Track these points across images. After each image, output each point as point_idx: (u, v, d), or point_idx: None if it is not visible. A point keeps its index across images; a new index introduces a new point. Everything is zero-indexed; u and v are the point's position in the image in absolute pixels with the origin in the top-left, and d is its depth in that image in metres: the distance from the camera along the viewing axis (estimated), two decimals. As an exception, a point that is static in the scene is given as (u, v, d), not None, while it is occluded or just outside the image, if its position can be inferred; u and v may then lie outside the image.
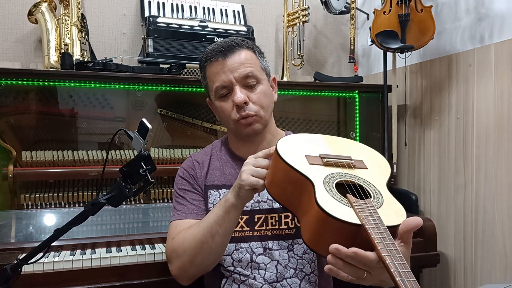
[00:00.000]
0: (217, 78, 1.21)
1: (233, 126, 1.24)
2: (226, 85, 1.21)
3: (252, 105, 1.20)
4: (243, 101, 1.18)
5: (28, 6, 1.90)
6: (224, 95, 1.22)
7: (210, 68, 1.24)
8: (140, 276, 1.44)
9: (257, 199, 1.25)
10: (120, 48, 2.16)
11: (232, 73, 1.20)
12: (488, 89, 1.77)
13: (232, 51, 1.21)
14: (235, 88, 1.20)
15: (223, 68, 1.20)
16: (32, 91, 1.73)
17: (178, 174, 1.34)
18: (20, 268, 0.99)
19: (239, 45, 1.23)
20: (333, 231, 0.83)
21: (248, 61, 1.22)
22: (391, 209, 0.91)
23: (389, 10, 1.97)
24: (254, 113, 1.20)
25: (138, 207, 1.74)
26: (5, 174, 1.62)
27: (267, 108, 1.24)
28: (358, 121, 2.13)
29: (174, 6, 2.11)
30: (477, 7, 1.83)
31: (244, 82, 1.20)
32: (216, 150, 1.35)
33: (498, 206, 1.72)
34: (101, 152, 1.76)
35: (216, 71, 1.22)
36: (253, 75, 1.21)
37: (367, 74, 2.53)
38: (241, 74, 1.19)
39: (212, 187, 1.28)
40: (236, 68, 1.20)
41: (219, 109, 1.25)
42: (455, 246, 1.93)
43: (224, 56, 1.21)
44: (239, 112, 1.20)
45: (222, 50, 1.22)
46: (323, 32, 2.56)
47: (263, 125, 1.24)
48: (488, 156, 1.77)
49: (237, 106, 1.19)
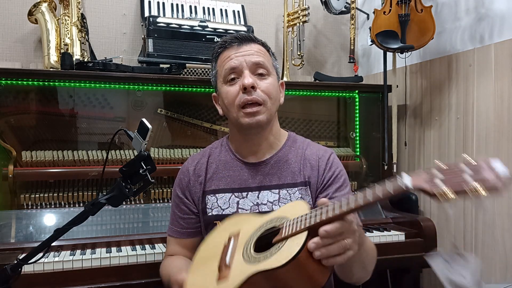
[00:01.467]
0: (227, 62, 1.20)
1: (236, 115, 1.18)
2: (236, 67, 1.18)
3: (261, 92, 1.17)
4: (251, 84, 1.15)
5: (28, 6, 1.90)
6: (232, 79, 1.19)
7: (223, 54, 1.22)
8: (140, 276, 1.45)
9: (256, 202, 1.23)
10: (120, 48, 2.16)
11: (244, 57, 1.18)
12: (488, 89, 1.77)
13: (247, 42, 1.22)
14: (244, 72, 1.17)
15: (236, 53, 1.19)
16: (32, 91, 1.73)
17: (176, 178, 1.34)
18: (20, 268, 0.99)
19: (255, 40, 1.24)
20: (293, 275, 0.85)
21: (261, 52, 1.22)
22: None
23: (389, 10, 1.97)
24: (261, 101, 1.17)
25: (138, 207, 1.74)
26: (5, 174, 1.61)
27: (275, 100, 1.21)
28: (358, 121, 2.13)
29: (174, 6, 2.11)
30: (477, 7, 1.83)
31: (255, 69, 1.19)
32: (216, 151, 1.33)
33: (498, 206, 1.72)
34: (101, 152, 1.76)
35: (228, 55, 1.21)
36: (264, 65, 1.20)
37: (367, 74, 2.53)
38: (253, 60, 1.18)
39: (210, 192, 1.27)
40: (249, 54, 1.19)
41: (224, 94, 1.20)
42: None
43: (239, 43, 1.21)
44: (246, 94, 1.15)
45: (238, 38, 1.22)
46: (323, 32, 2.56)
47: (267, 119, 1.19)
48: (488, 156, 1.77)
49: (245, 89, 1.15)
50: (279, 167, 1.26)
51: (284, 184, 1.24)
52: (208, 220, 1.25)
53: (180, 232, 1.29)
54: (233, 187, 1.25)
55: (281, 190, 1.24)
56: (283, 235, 0.92)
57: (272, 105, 1.20)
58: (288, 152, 1.28)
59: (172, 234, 1.31)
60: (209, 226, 1.24)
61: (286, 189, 1.24)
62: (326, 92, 2.12)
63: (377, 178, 2.10)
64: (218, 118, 1.95)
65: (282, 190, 1.24)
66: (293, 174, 1.25)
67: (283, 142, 1.30)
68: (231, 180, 1.26)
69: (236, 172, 1.26)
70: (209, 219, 1.24)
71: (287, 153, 1.28)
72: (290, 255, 0.84)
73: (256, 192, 1.24)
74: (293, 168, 1.26)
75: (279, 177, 1.25)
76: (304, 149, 1.29)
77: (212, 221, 1.24)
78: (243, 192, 1.24)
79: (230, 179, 1.26)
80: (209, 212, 1.25)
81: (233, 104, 1.18)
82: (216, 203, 1.25)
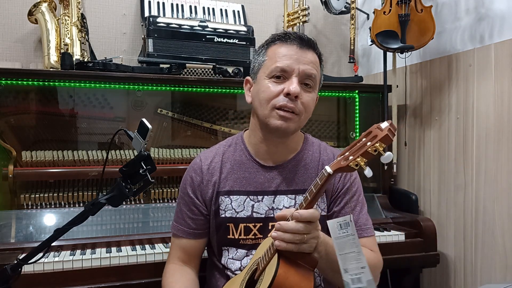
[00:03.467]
0: (282, 60, 1.15)
1: (267, 112, 1.15)
2: (287, 70, 1.14)
3: (300, 104, 1.14)
4: (297, 93, 1.12)
5: (28, 6, 1.90)
6: (278, 77, 1.15)
7: (280, 48, 1.18)
8: (140, 276, 1.45)
9: (271, 206, 1.22)
10: (120, 48, 2.16)
11: (299, 64, 1.15)
12: (488, 89, 1.77)
13: (309, 47, 1.18)
14: (293, 78, 1.14)
15: (295, 55, 1.16)
16: (32, 91, 1.73)
17: (185, 176, 1.29)
18: (20, 268, 0.99)
19: (315, 48, 1.20)
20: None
21: (316, 65, 1.19)
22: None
23: (389, 10, 1.97)
24: (297, 112, 1.15)
25: (138, 207, 1.74)
26: (5, 174, 1.62)
27: (307, 116, 1.19)
28: (358, 121, 2.13)
29: (174, 6, 2.11)
30: (477, 7, 1.83)
31: (303, 80, 1.16)
32: (230, 149, 1.28)
33: (498, 206, 1.72)
34: (101, 152, 1.76)
35: (285, 52, 1.16)
36: (314, 79, 1.17)
37: (367, 74, 2.53)
38: (307, 70, 1.15)
39: (223, 193, 1.23)
40: (306, 63, 1.16)
41: (264, 88, 1.16)
42: (455, 246, 1.93)
43: (301, 46, 1.17)
44: (287, 100, 1.13)
45: (302, 39, 1.18)
46: (323, 32, 2.56)
47: (295, 129, 1.18)
48: (488, 156, 1.77)
49: (288, 94, 1.12)
50: (296, 172, 1.24)
51: (301, 189, 1.23)
52: (220, 222, 1.23)
53: (188, 232, 1.26)
54: (248, 189, 1.23)
55: (297, 196, 1.23)
56: (260, 268, 1.03)
57: (304, 119, 1.19)
58: (306, 156, 1.26)
59: (178, 233, 1.27)
60: (221, 228, 1.22)
61: (302, 195, 1.22)
62: (326, 92, 2.12)
63: (377, 178, 2.10)
64: (218, 118, 1.95)
65: (298, 196, 1.23)
66: (310, 179, 1.23)
67: (300, 145, 1.28)
68: (246, 182, 1.23)
69: (252, 174, 1.23)
70: (222, 221, 1.22)
71: (305, 157, 1.26)
72: (271, 276, 0.94)
73: (272, 196, 1.22)
74: (310, 173, 1.25)
75: (296, 182, 1.23)
76: (321, 153, 1.28)
77: (225, 223, 1.22)
78: (259, 196, 1.22)
79: (246, 181, 1.23)
80: (222, 213, 1.23)
81: (268, 102, 1.15)
82: (230, 205, 1.22)
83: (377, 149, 0.87)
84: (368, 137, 0.89)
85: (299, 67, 1.14)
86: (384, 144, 0.87)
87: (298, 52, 1.16)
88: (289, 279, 0.95)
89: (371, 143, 0.87)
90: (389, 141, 0.87)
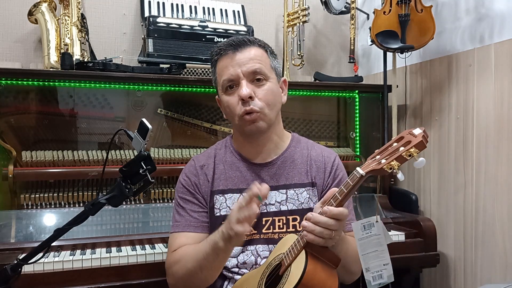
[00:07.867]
0: (225, 72, 1.21)
1: (238, 122, 1.22)
2: (233, 79, 1.19)
3: (258, 101, 1.18)
4: (248, 95, 1.17)
5: (28, 6, 1.90)
6: (230, 89, 1.21)
7: (220, 62, 1.23)
8: (140, 276, 1.45)
9: (264, 202, 1.22)
10: (120, 48, 2.16)
11: (240, 67, 1.19)
12: (488, 89, 1.77)
13: (243, 47, 1.21)
14: (241, 82, 1.18)
15: (232, 62, 1.20)
16: (32, 91, 1.73)
17: (179, 181, 1.31)
18: (20, 268, 0.99)
19: (251, 42, 1.23)
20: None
21: (258, 57, 1.21)
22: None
23: (389, 10, 1.97)
24: (258, 109, 1.18)
25: (138, 207, 1.74)
26: (5, 174, 1.61)
27: (273, 106, 1.22)
28: (358, 121, 2.13)
29: (174, 6, 2.11)
30: (477, 7, 1.83)
31: (252, 77, 1.19)
32: (220, 152, 1.33)
33: (498, 206, 1.72)
34: (101, 152, 1.76)
35: (225, 64, 1.21)
36: (261, 71, 1.20)
37: (367, 74, 2.53)
38: (249, 69, 1.19)
39: (218, 192, 1.26)
40: (245, 63, 1.19)
41: (225, 103, 1.23)
42: (455, 246, 1.93)
43: (234, 50, 1.21)
44: (244, 106, 1.18)
45: (233, 44, 1.22)
46: (323, 32, 2.56)
47: (267, 124, 1.21)
48: (488, 156, 1.77)
49: (242, 100, 1.17)
50: (285, 168, 1.27)
51: (292, 184, 1.26)
52: (216, 220, 1.24)
53: (195, 226, 1.24)
54: (240, 187, 1.25)
55: (288, 190, 1.26)
56: (286, 264, 1.02)
57: (270, 111, 1.21)
58: (294, 153, 1.30)
59: (184, 229, 1.24)
60: (216, 226, 1.21)
61: (294, 189, 1.26)
62: (326, 92, 2.12)
63: (376, 178, 2.09)
64: (218, 118, 1.95)
65: (289, 190, 1.26)
66: (300, 174, 1.27)
67: (287, 143, 1.31)
68: (238, 180, 1.27)
69: (244, 173, 1.27)
70: (217, 219, 1.23)
71: (293, 153, 1.30)
72: (299, 273, 0.96)
73: None
74: (299, 168, 1.28)
75: (286, 178, 1.27)
76: (309, 150, 1.31)
77: (220, 221, 1.21)
78: None
79: (238, 179, 1.27)
80: (217, 212, 1.25)
81: (234, 114, 1.21)
82: (224, 203, 1.25)
83: (412, 154, 0.90)
84: (400, 142, 0.93)
85: (240, 70, 1.19)
86: (419, 150, 0.90)
87: (234, 57, 1.20)
88: (317, 276, 0.98)
89: (405, 148, 0.91)
90: (423, 147, 0.91)
